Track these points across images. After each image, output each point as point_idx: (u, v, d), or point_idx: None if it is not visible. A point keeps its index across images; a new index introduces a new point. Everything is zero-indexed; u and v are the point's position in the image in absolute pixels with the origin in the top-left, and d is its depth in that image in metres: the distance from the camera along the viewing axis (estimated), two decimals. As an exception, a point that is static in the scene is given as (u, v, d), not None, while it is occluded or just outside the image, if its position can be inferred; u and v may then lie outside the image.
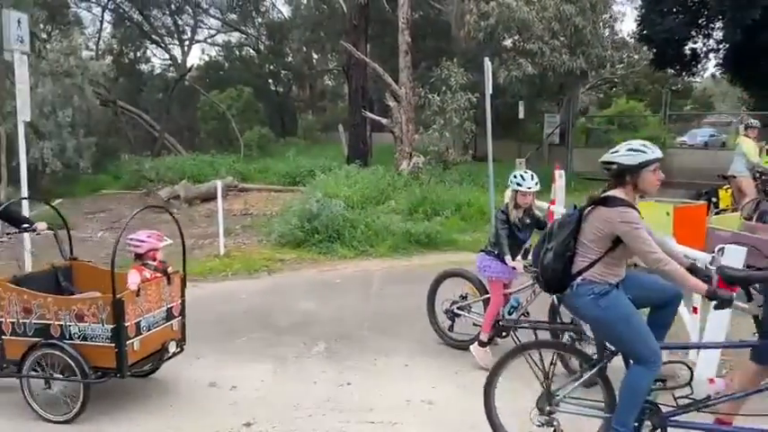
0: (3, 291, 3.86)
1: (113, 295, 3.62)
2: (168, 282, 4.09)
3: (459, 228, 9.87)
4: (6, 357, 3.89)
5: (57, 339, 3.74)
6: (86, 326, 3.70)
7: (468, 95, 12.48)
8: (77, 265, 4.50)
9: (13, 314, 3.83)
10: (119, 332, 3.64)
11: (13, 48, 7.26)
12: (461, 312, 4.95)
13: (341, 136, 19.68)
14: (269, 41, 30.07)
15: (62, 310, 3.74)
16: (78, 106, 13.35)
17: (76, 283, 4.39)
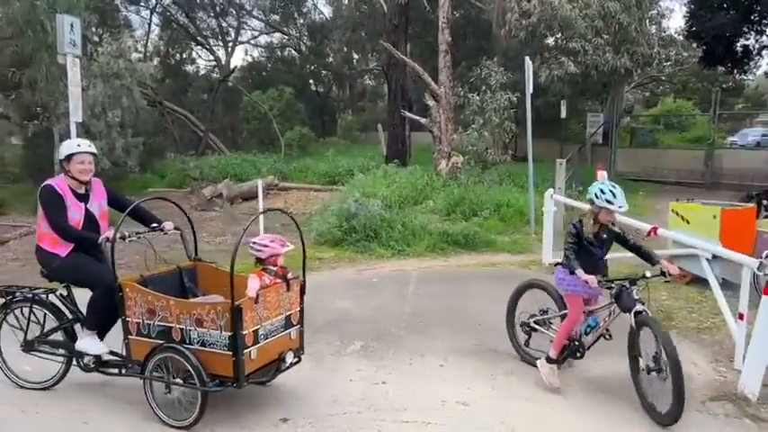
0: (130, 291, 3.81)
1: (232, 302, 3.49)
2: (287, 288, 3.92)
3: (498, 229, 9.79)
4: (132, 357, 3.87)
5: (177, 343, 3.67)
6: (205, 332, 3.59)
7: (508, 95, 12.35)
8: (201, 266, 4.39)
9: (139, 315, 3.78)
10: (236, 340, 3.51)
11: (66, 51, 7.58)
12: (538, 327, 4.62)
13: (380, 136, 19.74)
14: (310, 42, 30.40)
15: (183, 314, 3.65)
16: (127, 107, 13.75)
17: (200, 284, 4.30)
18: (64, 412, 3.95)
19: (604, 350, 4.40)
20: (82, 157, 4.00)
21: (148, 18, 26.84)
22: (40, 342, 4.20)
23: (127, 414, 3.89)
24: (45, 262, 4.03)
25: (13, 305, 4.25)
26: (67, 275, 4.06)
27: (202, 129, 22.23)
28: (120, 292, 3.81)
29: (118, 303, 3.81)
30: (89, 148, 4.05)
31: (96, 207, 4.11)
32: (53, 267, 4.01)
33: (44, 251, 4.01)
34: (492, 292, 6.60)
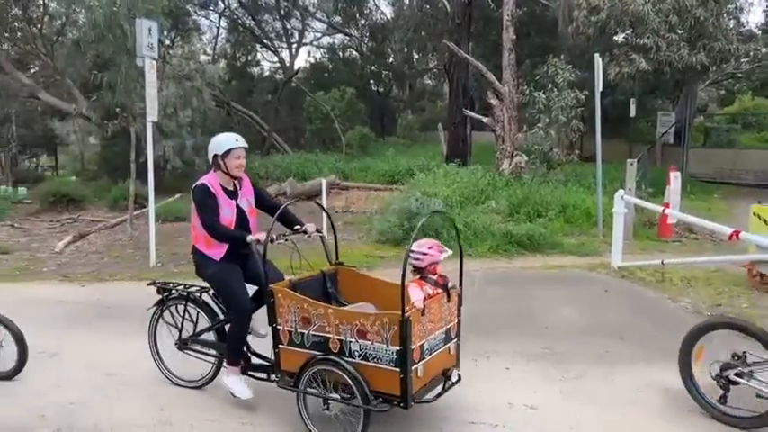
0: (282, 297, 3.57)
1: (402, 313, 3.16)
2: (448, 299, 3.65)
3: (564, 230, 9.55)
4: (282, 368, 3.65)
5: (336, 355, 3.39)
6: (369, 344, 3.29)
7: (575, 93, 12.02)
8: (342, 271, 4.16)
9: (292, 323, 3.53)
10: (404, 355, 3.18)
11: (144, 54, 7.94)
12: (740, 380, 3.65)
13: (440, 135, 19.65)
14: (371, 43, 30.59)
15: (343, 324, 3.36)
16: (196, 107, 14.31)
17: (340, 290, 4.09)
18: (141, 397, 4.13)
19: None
20: (239, 152, 3.87)
21: (217, 22, 27.77)
22: (193, 341, 4.19)
23: (204, 399, 4.03)
24: (200, 265, 3.97)
25: (169, 302, 4.26)
26: (215, 285, 3.98)
27: (267, 129, 22.79)
28: (272, 299, 3.60)
29: (268, 310, 3.63)
30: (245, 143, 3.92)
31: (246, 204, 4.00)
32: (206, 275, 3.95)
33: (200, 253, 3.95)
34: (558, 296, 6.44)
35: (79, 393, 4.17)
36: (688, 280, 7.01)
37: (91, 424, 3.76)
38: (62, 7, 14.28)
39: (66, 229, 10.82)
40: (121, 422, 3.79)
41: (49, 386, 4.28)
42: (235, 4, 26.90)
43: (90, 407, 3.99)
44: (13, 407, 3.98)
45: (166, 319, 4.28)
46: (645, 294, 6.61)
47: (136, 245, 9.20)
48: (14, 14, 17.79)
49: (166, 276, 7.58)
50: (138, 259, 8.39)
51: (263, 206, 4.14)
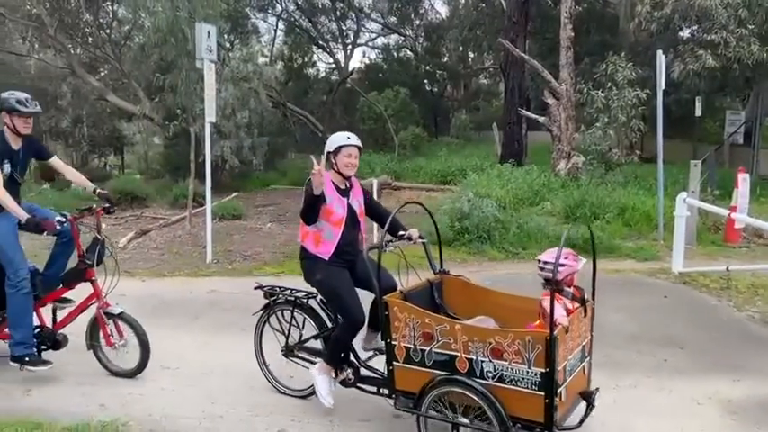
0: (399, 310, 3.28)
1: (550, 332, 2.87)
2: (584, 313, 3.32)
3: (623, 233, 9.24)
4: (396, 387, 3.38)
5: (464, 376, 3.09)
6: (505, 365, 2.98)
7: (636, 91, 11.60)
8: (447, 280, 3.91)
9: (410, 339, 3.25)
10: (550, 378, 2.88)
11: (203, 57, 8.18)
12: None
13: (494, 135, 19.39)
14: (426, 42, 30.52)
15: (474, 342, 3.06)
16: (254, 109, 14.63)
17: (446, 300, 3.84)
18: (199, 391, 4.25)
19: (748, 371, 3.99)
20: (349, 150, 3.77)
21: (275, 24, 28.37)
22: (300, 348, 4.06)
23: (254, 395, 4.12)
24: (308, 271, 3.83)
25: (275, 307, 4.13)
26: (323, 292, 3.84)
27: (321, 129, 23.08)
28: (386, 312, 3.32)
29: (381, 323, 3.38)
30: (357, 142, 3.81)
31: (356, 204, 3.89)
32: (315, 280, 3.81)
33: (309, 256, 3.80)
34: (616, 301, 6.23)
35: (135, 384, 4.34)
36: (755, 288, 6.65)
37: (145, 414, 3.90)
38: (129, 13, 14.93)
39: (130, 225, 11.28)
40: (173, 413, 3.92)
41: (107, 377, 4.46)
42: (292, 7, 27.42)
43: (145, 398, 4.14)
44: (75, 396, 4.18)
45: (273, 324, 4.16)
46: (707, 302, 6.31)
47: (194, 242, 9.50)
48: (86, 20, 18.71)
49: (221, 273, 7.81)
50: (195, 256, 8.66)
51: (371, 212, 4.02)
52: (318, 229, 3.75)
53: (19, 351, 4.22)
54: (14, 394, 4.20)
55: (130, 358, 4.39)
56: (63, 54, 18.46)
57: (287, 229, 10.52)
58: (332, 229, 3.76)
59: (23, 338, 4.22)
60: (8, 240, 4.20)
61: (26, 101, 4.23)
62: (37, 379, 4.37)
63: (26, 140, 4.39)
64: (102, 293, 4.36)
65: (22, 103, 4.21)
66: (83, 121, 24.13)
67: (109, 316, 4.36)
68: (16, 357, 4.22)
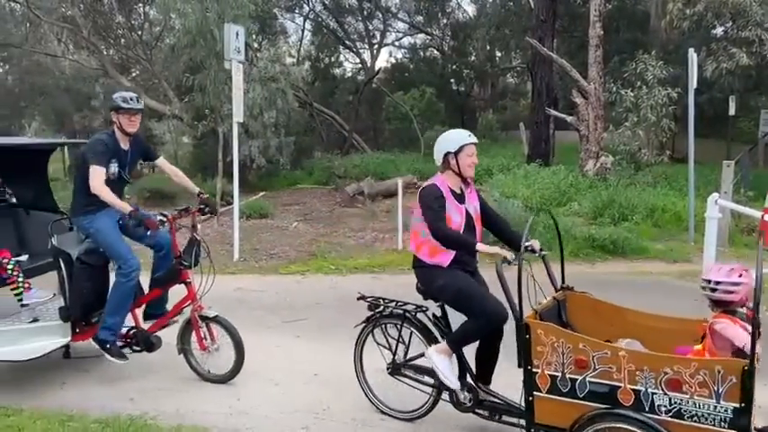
0: (544, 333, 2.96)
1: (752, 360, 2.53)
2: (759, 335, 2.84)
3: (651, 235, 9.07)
4: (535, 420, 3.07)
5: (629, 410, 2.75)
6: (685, 398, 2.63)
7: (667, 90, 11.39)
8: (571, 297, 3.55)
9: (557, 366, 2.92)
10: (746, 414, 2.54)
11: (231, 57, 8.29)
12: None
13: (521, 134, 19.23)
14: (453, 41, 30.41)
15: (643, 371, 2.71)
16: (281, 108, 14.73)
17: (572, 319, 3.48)
18: (221, 387, 4.30)
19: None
20: (471, 149, 3.48)
21: (302, 24, 28.57)
22: (408, 366, 3.75)
23: (279, 392, 4.16)
24: (426, 279, 3.54)
25: (381, 320, 3.81)
26: (449, 297, 3.51)
27: (347, 129, 23.17)
28: (527, 335, 3.01)
29: (521, 348, 3.06)
30: (475, 139, 3.52)
31: (473, 209, 3.59)
32: (436, 287, 3.49)
33: (424, 265, 3.53)
34: (644, 303, 6.10)
35: (165, 380, 4.42)
36: (791, 292, 6.45)
37: (173, 409, 3.98)
38: (160, 14, 15.19)
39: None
40: (200, 408, 3.99)
41: (139, 372, 4.55)
42: (319, 7, 27.57)
43: (173, 393, 4.22)
44: (106, 390, 4.28)
45: (377, 339, 3.84)
46: (740, 306, 6.15)
47: (221, 239, 9.63)
48: (118, 22, 19.13)
49: (248, 271, 7.91)
50: (222, 254, 8.78)
51: (486, 218, 3.68)
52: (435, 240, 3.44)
53: (104, 335, 4.23)
54: (49, 387, 4.32)
55: (223, 363, 4.30)
56: (96, 55, 18.89)
57: (312, 228, 10.60)
58: None
59: (114, 325, 4.24)
60: (112, 235, 4.23)
61: (129, 99, 4.25)
62: (71, 373, 4.49)
63: (134, 141, 4.40)
64: (197, 296, 4.26)
65: (125, 100, 4.23)
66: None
67: (203, 319, 4.27)
68: (100, 340, 4.24)
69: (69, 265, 4.20)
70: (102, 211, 4.20)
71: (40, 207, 5.07)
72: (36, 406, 3.96)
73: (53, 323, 4.27)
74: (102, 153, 4.13)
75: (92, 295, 4.26)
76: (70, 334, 4.27)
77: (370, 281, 7.28)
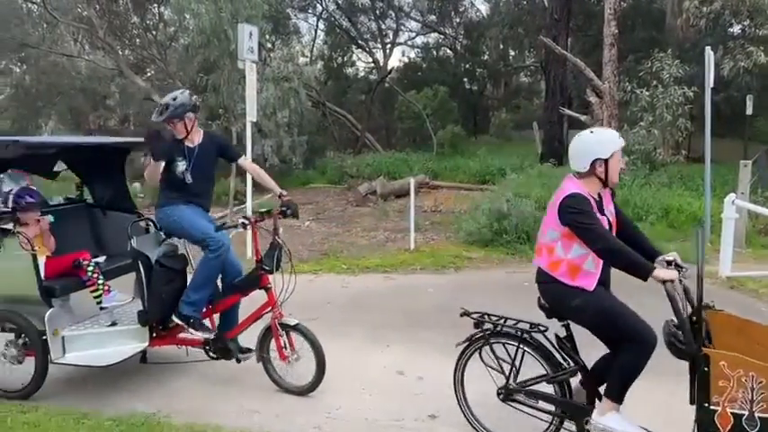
0: (729, 366, 2.60)
1: None
2: None
3: (667, 236, 8.98)
4: None
5: None
6: None
7: (683, 89, 11.26)
8: (712, 317, 3.10)
9: (744, 403, 2.57)
10: None
11: (245, 57, 8.32)
12: None
13: (535, 134, 19.13)
14: (466, 40, 30.32)
15: None
16: (294, 108, 14.81)
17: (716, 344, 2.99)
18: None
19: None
20: (620, 152, 3.08)
21: (315, 24, 28.63)
22: (525, 392, 3.36)
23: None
24: (558, 296, 3.12)
25: (492, 339, 3.42)
26: (588, 318, 3.05)
27: (360, 128, 23.18)
28: (705, 368, 2.65)
29: (699, 382, 2.70)
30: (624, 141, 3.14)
31: (611, 216, 3.15)
32: (572, 306, 3.05)
33: (560, 284, 3.06)
34: (657, 305, 6.05)
35: (178, 379, 4.45)
36: (809, 294, 6.36)
37: (186, 407, 4.01)
38: (174, 14, 15.30)
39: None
40: (212, 407, 4.01)
41: (153, 371, 4.58)
42: (332, 6, 27.62)
43: (186, 391, 4.25)
44: (121, 388, 4.32)
45: (485, 359, 3.45)
46: (757, 308, 6.07)
47: (234, 239, 9.68)
48: (133, 22, 19.30)
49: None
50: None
51: (622, 225, 3.22)
52: (578, 257, 3.01)
53: (188, 311, 4.13)
54: (64, 385, 4.37)
55: (303, 373, 4.11)
56: (111, 55, 19.07)
57: (325, 227, 10.62)
58: (594, 257, 3.00)
59: (198, 301, 4.16)
60: (195, 217, 4.14)
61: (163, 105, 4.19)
62: (85, 371, 4.53)
63: (208, 138, 4.29)
64: (277, 302, 4.09)
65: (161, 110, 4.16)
66: (130, 120, 24.88)
67: (283, 327, 4.08)
68: (183, 316, 4.14)
69: (148, 268, 4.11)
70: (184, 203, 4.16)
71: (116, 207, 4.97)
72: (51, 403, 4.00)
73: (131, 327, 4.21)
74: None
75: (170, 299, 4.16)
76: (148, 338, 4.19)
77: (382, 281, 7.28)
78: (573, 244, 3.01)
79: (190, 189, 4.18)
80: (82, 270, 4.29)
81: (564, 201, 3.00)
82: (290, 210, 4.22)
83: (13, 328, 4.11)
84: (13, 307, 4.10)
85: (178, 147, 4.14)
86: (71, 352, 4.08)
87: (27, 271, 3.93)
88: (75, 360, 4.07)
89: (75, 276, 4.30)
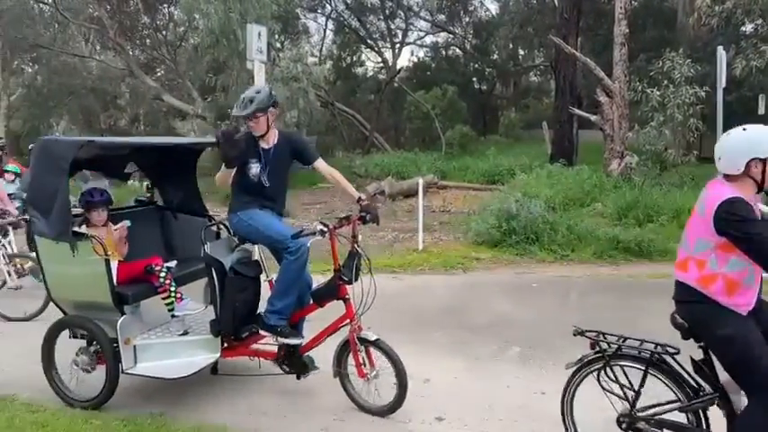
0: None
1: None
2: None
3: (678, 237, 8.86)
4: None
5: None
6: None
7: (695, 89, 11.15)
8: None
9: None
10: None
11: (253, 57, 8.33)
12: None
13: (544, 134, 19.03)
14: (475, 40, 30.24)
15: None
16: (303, 108, 14.81)
17: None
18: None
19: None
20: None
21: (324, 24, 28.67)
22: (653, 422, 2.95)
23: (297, 388, 4.17)
24: (704, 319, 2.73)
25: (612, 361, 3.03)
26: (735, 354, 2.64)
27: (368, 128, 23.19)
28: None
29: None
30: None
31: None
32: (718, 335, 2.67)
33: (711, 305, 2.68)
34: (670, 307, 6.00)
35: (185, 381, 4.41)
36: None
37: (194, 407, 4.01)
38: (184, 14, 15.37)
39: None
40: (220, 408, 4.00)
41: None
42: (341, 6, 27.63)
43: (194, 392, 4.24)
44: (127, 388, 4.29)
45: (603, 383, 3.09)
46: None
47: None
48: (144, 23, 19.42)
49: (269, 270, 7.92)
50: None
51: None
52: (737, 271, 2.64)
53: (274, 320, 3.91)
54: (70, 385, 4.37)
55: (382, 392, 3.81)
56: (122, 55, 19.19)
57: (333, 228, 10.61)
58: (754, 270, 2.65)
59: (284, 309, 3.91)
60: (271, 219, 3.94)
61: (247, 99, 3.91)
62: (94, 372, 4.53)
63: (284, 139, 4.05)
64: (356, 314, 3.81)
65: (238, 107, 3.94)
66: (140, 120, 25.04)
67: (362, 342, 3.78)
68: (269, 326, 3.93)
69: (222, 275, 3.89)
70: (258, 207, 3.96)
71: (187, 210, 4.75)
72: (59, 403, 4.01)
73: (203, 337, 4.01)
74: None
75: (244, 308, 3.95)
76: (220, 349, 3.98)
77: (391, 281, 7.26)
78: (730, 256, 2.62)
79: (265, 193, 3.97)
80: (154, 276, 4.11)
81: (721, 206, 2.59)
82: (371, 215, 3.93)
83: (85, 334, 3.96)
84: (84, 313, 3.96)
85: (253, 149, 3.92)
86: (142, 362, 3.92)
87: (100, 276, 3.74)
88: (146, 371, 3.90)
89: (147, 282, 4.12)
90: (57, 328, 4.04)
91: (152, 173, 4.90)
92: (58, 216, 3.76)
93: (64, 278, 3.93)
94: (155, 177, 4.91)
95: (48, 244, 3.85)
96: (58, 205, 3.75)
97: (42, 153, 3.91)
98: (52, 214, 3.77)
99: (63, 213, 3.78)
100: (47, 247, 3.88)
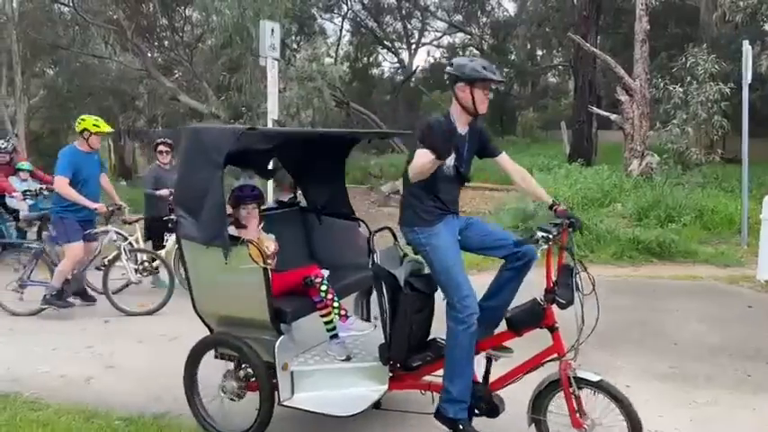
0: None
1: None
2: None
3: (701, 237, 8.65)
4: None
5: None
6: None
7: (719, 86, 10.86)
8: None
9: None
10: None
11: (266, 54, 8.27)
12: None
13: (563, 134, 18.77)
14: (492, 40, 30.05)
15: None
16: (318, 107, 14.77)
17: None
18: None
19: None
20: None
21: (340, 25, 28.68)
22: None
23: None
24: None
25: None
26: None
27: (384, 128, 23.09)
28: None
29: None
30: None
31: None
32: None
33: None
34: (691, 309, 5.80)
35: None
36: None
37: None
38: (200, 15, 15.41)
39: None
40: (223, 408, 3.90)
41: (163, 371, 4.48)
42: (358, 6, 27.63)
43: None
44: (132, 388, 4.25)
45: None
46: (799, 314, 5.76)
47: (256, 238, 9.66)
48: (161, 24, 19.51)
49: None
50: (256, 252, 8.79)
51: None
52: None
53: (453, 411, 3.06)
54: (76, 383, 4.31)
55: None
56: (140, 57, 19.31)
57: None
58: None
59: (461, 395, 3.06)
60: (451, 258, 3.11)
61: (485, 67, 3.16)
62: (97, 370, 4.48)
63: (474, 126, 3.37)
64: (565, 347, 3.03)
65: (484, 67, 3.14)
66: (158, 121, 25.21)
67: (578, 382, 2.94)
68: (448, 419, 3.09)
69: (395, 291, 3.18)
70: (442, 221, 3.17)
71: (333, 212, 4.16)
72: (62, 402, 3.94)
73: (369, 365, 3.32)
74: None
75: (419, 331, 3.29)
76: (387, 380, 3.29)
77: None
78: None
79: (451, 190, 3.27)
80: (313, 289, 3.44)
81: None
82: (578, 222, 3.14)
83: (234, 356, 3.38)
84: (234, 331, 3.37)
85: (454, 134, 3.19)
86: (300, 392, 3.29)
87: (256, 288, 3.13)
88: (305, 403, 3.25)
89: (305, 297, 3.46)
90: (203, 347, 3.49)
91: (296, 170, 4.26)
92: (210, 217, 3.17)
93: (213, 289, 3.35)
94: (298, 175, 4.28)
95: (195, 249, 3.29)
96: (210, 204, 3.16)
97: (192, 144, 3.31)
98: (202, 215, 3.18)
99: (217, 214, 3.18)
100: (194, 253, 3.32)
